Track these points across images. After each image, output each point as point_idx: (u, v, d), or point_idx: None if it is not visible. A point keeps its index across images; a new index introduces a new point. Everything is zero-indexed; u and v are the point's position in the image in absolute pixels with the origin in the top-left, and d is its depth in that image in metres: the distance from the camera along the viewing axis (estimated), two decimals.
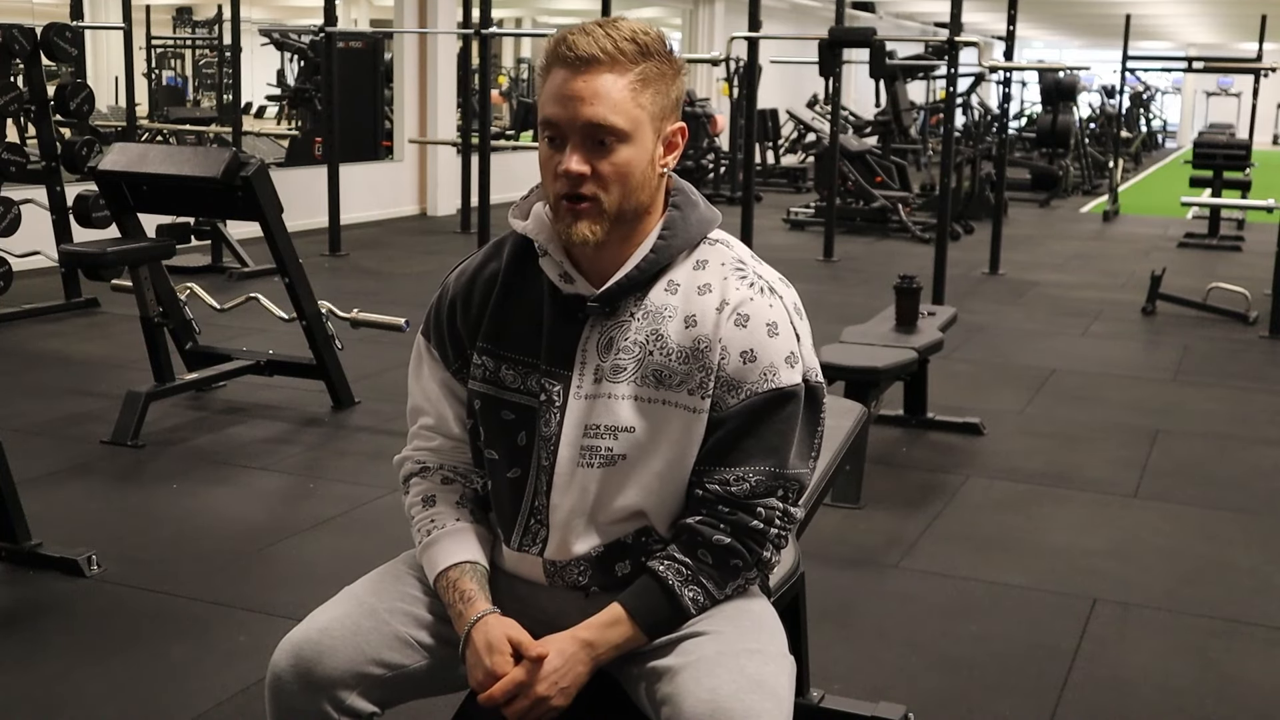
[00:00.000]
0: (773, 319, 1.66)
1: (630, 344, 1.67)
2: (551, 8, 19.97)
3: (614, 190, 1.62)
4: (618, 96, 1.59)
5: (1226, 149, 11.35)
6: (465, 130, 10.19)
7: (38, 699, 2.67)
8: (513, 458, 1.73)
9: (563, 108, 1.59)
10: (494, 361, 1.73)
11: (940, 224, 7.13)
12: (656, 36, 1.64)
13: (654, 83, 1.62)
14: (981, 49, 8.41)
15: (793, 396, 1.66)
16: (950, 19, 7.22)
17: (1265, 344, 6.68)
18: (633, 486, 1.68)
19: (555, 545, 1.70)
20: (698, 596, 1.66)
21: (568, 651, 1.62)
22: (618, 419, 1.66)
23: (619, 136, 1.60)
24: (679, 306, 1.67)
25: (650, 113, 1.62)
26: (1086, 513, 4.00)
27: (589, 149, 1.60)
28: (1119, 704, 2.76)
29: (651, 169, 1.65)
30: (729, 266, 1.69)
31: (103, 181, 4.72)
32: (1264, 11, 13.58)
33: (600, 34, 1.60)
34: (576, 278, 1.68)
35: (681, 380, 1.65)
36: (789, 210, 11.61)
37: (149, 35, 14.47)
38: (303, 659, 1.65)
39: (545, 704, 1.60)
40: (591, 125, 1.59)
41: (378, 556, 1.91)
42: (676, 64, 1.65)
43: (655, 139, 1.64)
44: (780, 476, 1.66)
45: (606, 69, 1.59)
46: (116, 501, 3.94)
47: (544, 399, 1.69)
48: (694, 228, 1.70)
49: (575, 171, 1.60)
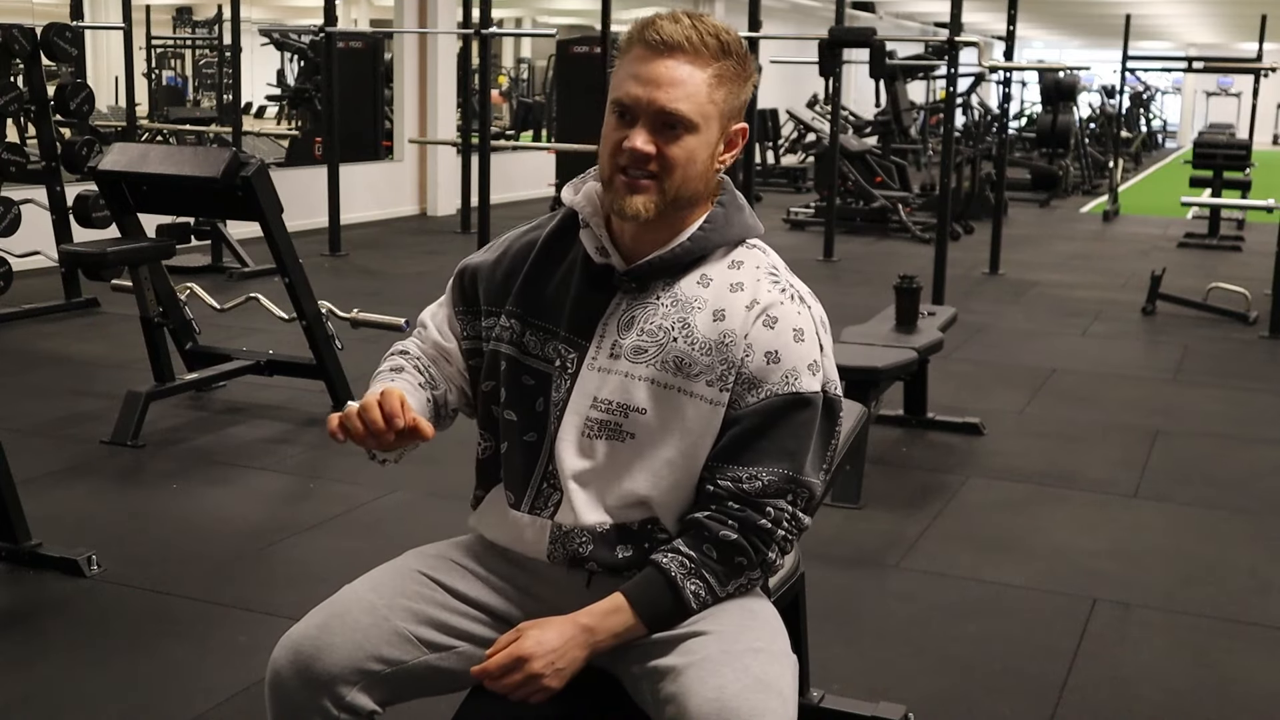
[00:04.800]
0: (800, 325, 1.68)
1: (655, 328, 1.69)
2: (551, 8, 19.97)
3: (676, 175, 1.65)
4: (694, 88, 1.63)
5: (1226, 149, 11.35)
6: (465, 130, 10.19)
7: (38, 699, 2.67)
8: (530, 422, 1.74)
9: (641, 88, 1.63)
10: (520, 325, 1.76)
11: (940, 224, 7.13)
12: (737, 38, 1.68)
13: (729, 82, 1.66)
14: (981, 49, 8.43)
15: (811, 403, 1.67)
16: (950, 19, 7.23)
17: (1265, 344, 6.68)
18: (641, 471, 1.68)
19: (566, 510, 1.71)
20: (699, 591, 1.66)
21: (566, 634, 1.62)
22: (631, 399, 1.68)
23: (688, 126, 1.64)
24: (709, 299, 1.69)
25: (720, 109, 1.66)
26: (1086, 513, 4.00)
27: (657, 130, 1.64)
28: (1119, 704, 2.76)
29: (711, 163, 1.68)
30: (763, 270, 1.72)
31: (103, 181, 4.72)
32: (1264, 11, 13.57)
33: (687, 23, 1.64)
34: (612, 253, 1.72)
35: (701, 371, 1.67)
36: (789, 210, 11.61)
37: (149, 35, 14.48)
38: (302, 655, 1.65)
39: (538, 682, 1.59)
40: (665, 111, 1.63)
41: (377, 556, 1.91)
42: (750, 68, 1.70)
43: (720, 135, 1.68)
44: (793, 480, 1.67)
45: (688, 59, 1.63)
46: (116, 501, 3.94)
47: (558, 365, 1.72)
48: (735, 229, 1.73)
49: (641, 150, 1.63)
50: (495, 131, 11.99)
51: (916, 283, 4.73)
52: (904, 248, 10.00)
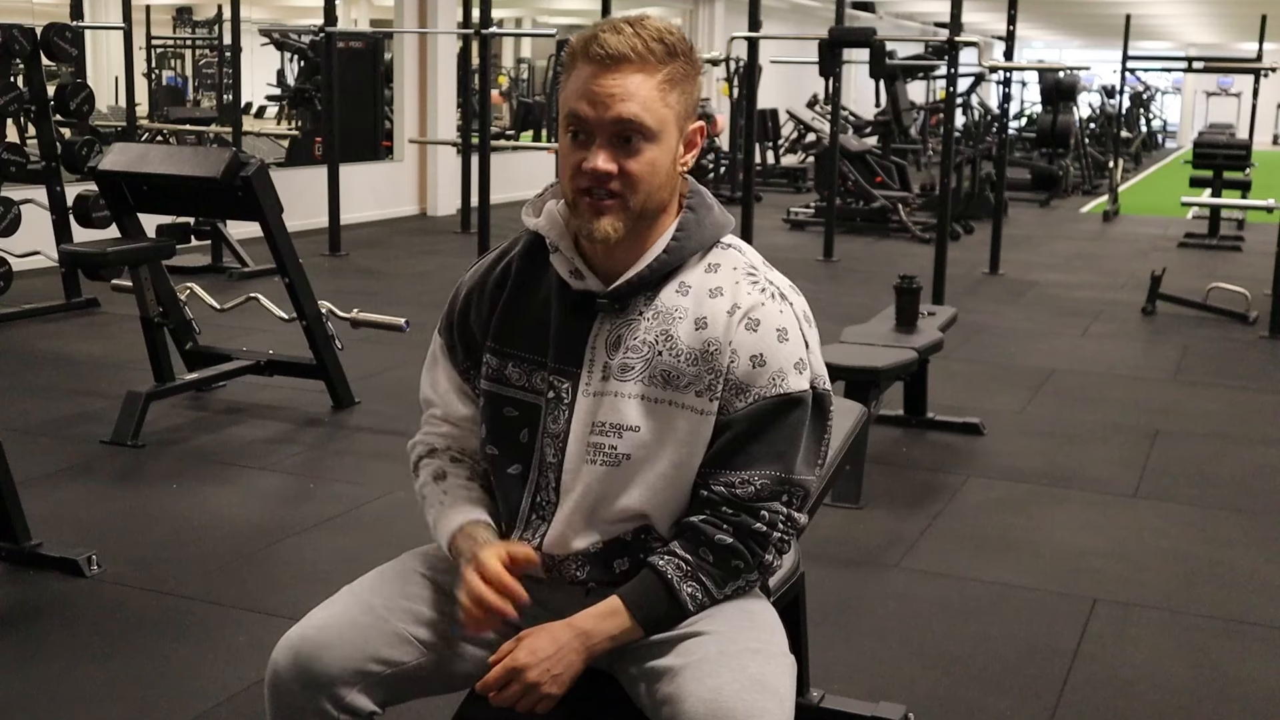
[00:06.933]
0: (783, 325, 1.66)
1: (639, 343, 1.67)
2: (551, 8, 19.97)
3: (641, 190, 1.62)
4: (646, 96, 1.60)
5: (1226, 149, 11.35)
6: (465, 130, 10.19)
7: (38, 699, 2.67)
8: (514, 454, 1.73)
9: (592, 105, 1.60)
10: (499, 359, 1.74)
11: (940, 224, 7.13)
12: (681, 36, 1.65)
13: (680, 83, 1.64)
14: (981, 49, 8.42)
15: (800, 402, 1.66)
16: (950, 19, 7.22)
17: (1265, 344, 6.68)
18: (637, 487, 1.68)
19: (553, 539, 1.71)
20: (696, 593, 1.66)
21: (562, 639, 1.62)
22: (623, 418, 1.67)
23: (646, 136, 1.61)
24: (690, 308, 1.67)
25: (676, 112, 1.64)
26: (1086, 513, 4.00)
27: (615, 147, 1.61)
28: (1119, 704, 2.76)
29: (674, 168, 1.66)
30: (741, 271, 1.69)
31: (103, 181, 4.72)
32: (1264, 11, 13.57)
33: (630, 32, 1.60)
34: (587, 274, 1.69)
35: (690, 382, 1.65)
36: (789, 210, 11.61)
37: (149, 35, 14.47)
38: (301, 656, 1.65)
39: (537, 690, 1.60)
40: (621, 122, 1.59)
41: (378, 556, 1.91)
42: (698, 64, 1.67)
43: (679, 138, 1.65)
44: (785, 482, 1.66)
45: (636, 68, 1.60)
46: (116, 501, 3.93)
47: (552, 396, 1.70)
48: (708, 231, 1.71)
49: (602, 170, 1.60)
50: (495, 131, 11.97)
51: (916, 283, 4.73)
52: (904, 248, 10.00)
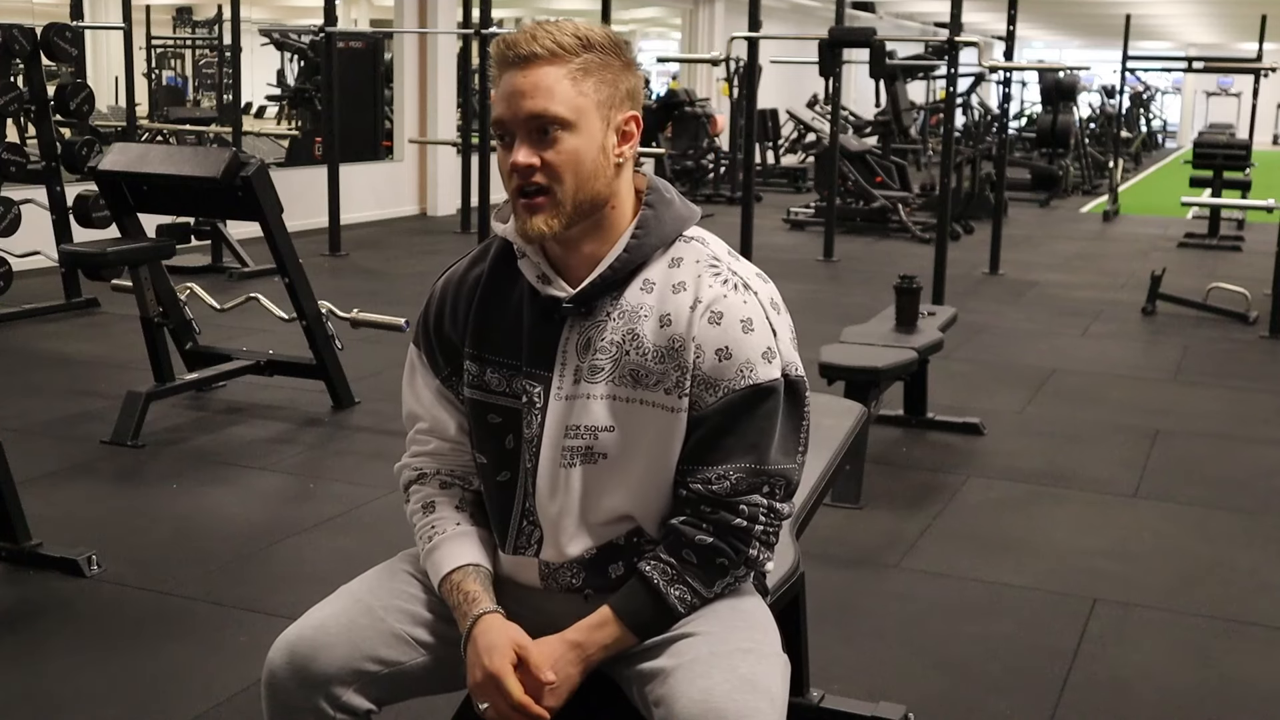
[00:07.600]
0: (747, 315, 1.64)
1: (607, 344, 1.66)
2: (551, 8, 19.97)
3: (567, 180, 1.61)
4: (556, 86, 1.59)
5: (1226, 149, 11.34)
6: (465, 130, 10.20)
7: (38, 699, 2.67)
8: (501, 461, 1.73)
9: (506, 105, 1.61)
10: (479, 365, 1.73)
11: (940, 224, 7.12)
12: (603, 33, 1.64)
13: (596, 72, 1.62)
14: (981, 49, 8.41)
15: (771, 392, 1.64)
16: (950, 19, 7.22)
17: (1265, 344, 6.68)
18: (618, 487, 1.67)
19: (549, 546, 1.71)
20: (684, 595, 1.65)
21: (557, 654, 1.62)
22: (595, 419, 1.66)
23: (561, 124, 1.60)
24: (654, 305, 1.66)
25: (594, 100, 1.62)
26: (1086, 513, 4.00)
27: (534, 141, 1.60)
28: (1119, 704, 2.76)
29: (604, 158, 1.63)
30: (703, 264, 1.68)
31: (103, 181, 4.72)
32: (1264, 11, 13.57)
33: (541, 33, 1.61)
34: (554, 278, 1.68)
35: (658, 380, 1.65)
36: (789, 210, 11.61)
37: (149, 35, 14.48)
38: (298, 655, 1.65)
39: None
40: (533, 116, 1.59)
41: (377, 556, 1.91)
42: (626, 57, 1.65)
43: (604, 127, 1.63)
44: (761, 473, 1.65)
45: (546, 63, 1.60)
46: (116, 501, 3.94)
47: (525, 401, 1.69)
48: (668, 225, 1.69)
49: (523, 164, 1.60)
50: None
51: (916, 283, 4.73)
52: (904, 248, 10.00)
